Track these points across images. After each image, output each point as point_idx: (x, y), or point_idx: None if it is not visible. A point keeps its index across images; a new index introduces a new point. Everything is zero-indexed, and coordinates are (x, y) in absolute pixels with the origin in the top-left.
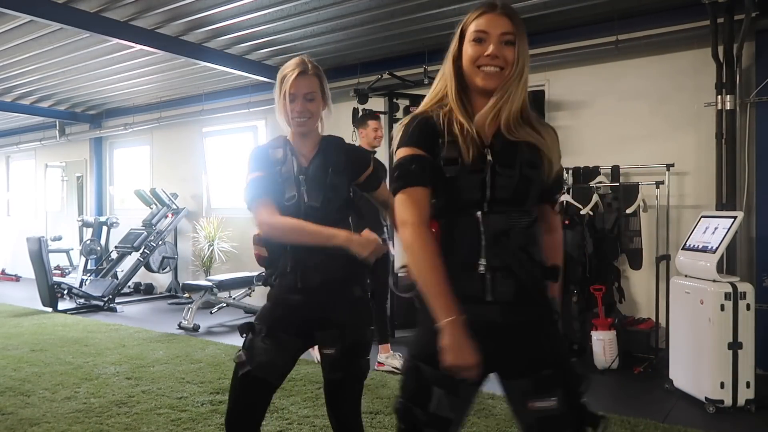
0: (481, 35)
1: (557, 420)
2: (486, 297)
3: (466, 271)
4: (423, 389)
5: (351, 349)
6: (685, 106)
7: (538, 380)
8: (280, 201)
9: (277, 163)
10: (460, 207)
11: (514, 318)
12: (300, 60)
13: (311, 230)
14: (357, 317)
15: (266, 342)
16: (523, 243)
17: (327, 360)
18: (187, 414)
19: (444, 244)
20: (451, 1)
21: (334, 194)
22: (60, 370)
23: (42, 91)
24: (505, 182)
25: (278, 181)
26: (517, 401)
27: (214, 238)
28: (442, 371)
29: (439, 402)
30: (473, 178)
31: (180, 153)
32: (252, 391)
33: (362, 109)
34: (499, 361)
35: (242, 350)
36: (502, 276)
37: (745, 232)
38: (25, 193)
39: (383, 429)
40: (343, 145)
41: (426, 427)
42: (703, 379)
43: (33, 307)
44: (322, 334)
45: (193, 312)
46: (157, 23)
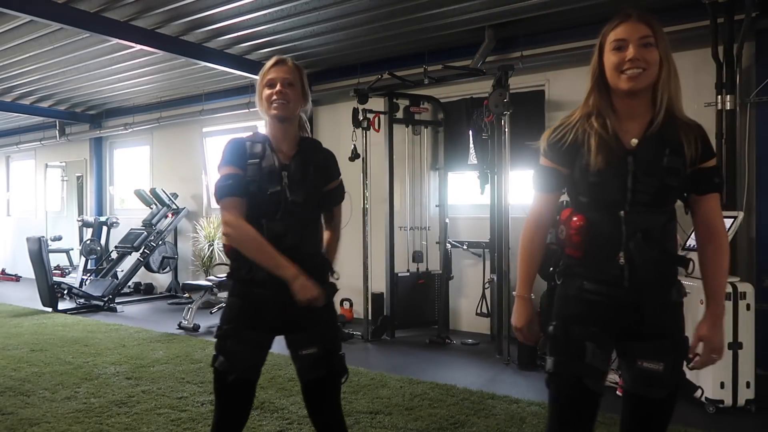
0: (620, 43)
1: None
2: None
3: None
4: (576, 344)
5: (330, 346)
6: (685, 106)
7: (655, 346)
8: (258, 195)
9: (254, 157)
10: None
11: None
12: (278, 56)
13: (266, 252)
14: (330, 315)
15: (242, 343)
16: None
17: (308, 360)
18: (187, 414)
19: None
20: (451, 1)
21: (314, 192)
22: (60, 370)
23: (42, 91)
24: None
25: (256, 174)
26: (630, 359)
27: (214, 238)
28: (591, 329)
29: (594, 354)
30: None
31: (180, 153)
32: (240, 393)
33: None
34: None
35: (221, 356)
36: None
37: (745, 232)
38: (25, 193)
39: (383, 429)
40: (321, 147)
41: (585, 377)
42: (703, 379)
43: (33, 307)
44: (297, 335)
45: (193, 312)
46: (157, 23)
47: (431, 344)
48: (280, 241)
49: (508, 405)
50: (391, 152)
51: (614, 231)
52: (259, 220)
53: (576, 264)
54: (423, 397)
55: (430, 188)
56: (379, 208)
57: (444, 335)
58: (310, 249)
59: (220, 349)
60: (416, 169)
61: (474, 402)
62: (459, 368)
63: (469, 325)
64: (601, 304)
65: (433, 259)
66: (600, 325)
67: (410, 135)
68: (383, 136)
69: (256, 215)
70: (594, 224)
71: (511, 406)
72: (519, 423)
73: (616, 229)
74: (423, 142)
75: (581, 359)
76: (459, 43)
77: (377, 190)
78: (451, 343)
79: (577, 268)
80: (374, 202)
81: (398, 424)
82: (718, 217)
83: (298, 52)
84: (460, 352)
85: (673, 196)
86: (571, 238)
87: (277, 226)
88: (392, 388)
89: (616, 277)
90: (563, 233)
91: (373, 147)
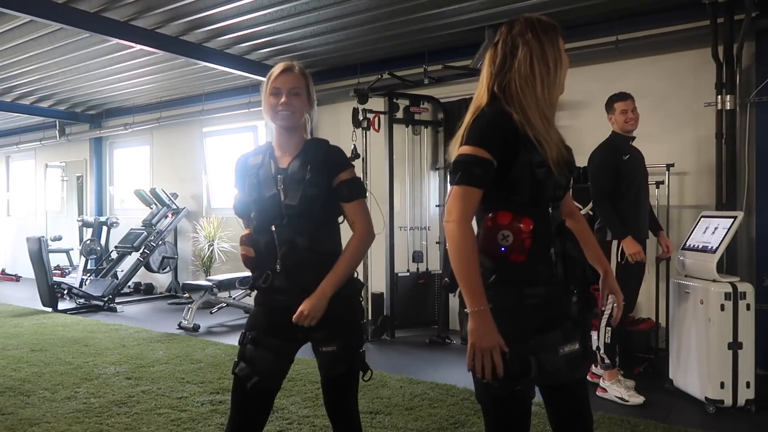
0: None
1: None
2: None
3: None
4: (523, 362)
5: (351, 343)
6: (685, 106)
7: (565, 330)
8: (259, 202)
9: (254, 168)
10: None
11: None
12: (286, 62)
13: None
14: (351, 312)
15: (265, 350)
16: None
17: (328, 357)
18: (187, 414)
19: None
20: (451, 1)
21: (314, 190)
22: (60, 370)
23: (42, 91)
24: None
25: (255, 184)
26: (551, 348)
27: (214, 238)
28: (531, 341)
29: (538, 369)
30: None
31: (180, 153)
32: (257, 401)
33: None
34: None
35: (242, 362)
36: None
37: (745, 232)
38: (25, 193)
39: (383, 429)
40: (325, 144)
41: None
42: (703, 379)
43: (33, 307)
44: (319, 333)
45: (193, 312)
46: (157, 23)
47: (431, 344)
48: (292, 245)
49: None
50: (391, 152)
51: (546, 228)
52: (269, 226)
53: (517, 269)
54: (423, 397)
55: (430, 188)
56: (379, 208)
57: (444, 335)
58: (326, 248)
59: (241, 356)
60: (416, 169)
61: (474, 402)
62: (459, 368)
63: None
64: (539, 306)
65: (433, 259)
66: (540, 331)
67: (410, 135)
68: (383, 136)
69: (266, 222)
70: (536, 223)
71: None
72: None
73: (547, 226)
74: (423, 142)
75: (527, 376)
76: (459, 43)
77: (377, 190)
78: (451, 343)
79: (517, 274)
80: (374, 202)
81: (398, 424)
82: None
83: (298, 52)
84: (460, 352)
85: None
86: (523, 242)
87: (286, 230)
88: (392, 388)
89: (549, 275)
90: (508, 239)
91: (373, 147)
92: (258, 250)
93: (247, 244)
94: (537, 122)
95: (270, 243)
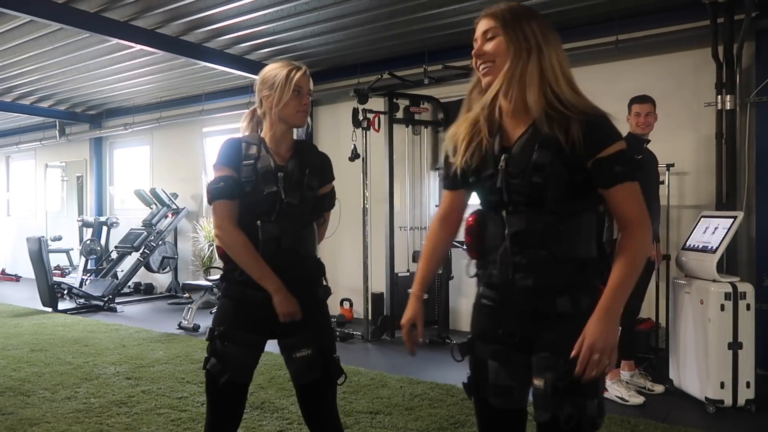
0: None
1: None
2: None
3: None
4: (480, 363)
5: (324, 347)
6: (685, 106)
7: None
8: (253, 196)
9: (249, 158)
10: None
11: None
12: (292, 62)
13: (253, 259)
14: (324, 317)
15: (235, 345)
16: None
17: (303, 362)
18: (187, 414)
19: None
20: (451, 1)
21: (310, 194)
22: (60, 370)
23: (42, 91)
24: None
25: (251, 175)
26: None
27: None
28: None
29: (497, 374)
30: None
31: (180, 153)
32: (232, 396)
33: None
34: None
35: (213, 357)
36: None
37: (745, 232)
38: (25, 193)
39: (383, 429)
40: (317, 150)
41: (490, 397)
42: (703, 379)
43: (33, 307)
44: (291, 339)
45: (193, 312)
46: (157, 23)
47: (431, 344)
48: (277, 243)
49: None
50: (391, 152)
51: (496, 233)
52: (255, 221)
53: (475, 267)
54: (423, 397)
55: (430, 188)
56: (379, 208)
57: (444, 335)
58: (306, 251)
59: (212, 351)
60: (416, 169)
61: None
62: (459, 368)
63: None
64: (487, 308)
65: None
66: (496, 336)
67: (410, 135)
68: (383, 136)
69: (252, 216)
70: (479, 225)
71: None
72: None
73: (497, 232)
74: (423, 142)
75: (485, 379)
76: (459, 43)
77: (377, 190)
78: (451, 343)
79: (476, 273)
80: (374, 202)
81: (398, 424)
82: (631, 206)
83: (298, 52)
84: None
85: (549, 194)
86: (466, 239)
87: (272, 227)
88: (392, 388)
89: (494, 278)
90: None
91: (373, 147)
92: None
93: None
94: (454, 127)
95: (252, 237)
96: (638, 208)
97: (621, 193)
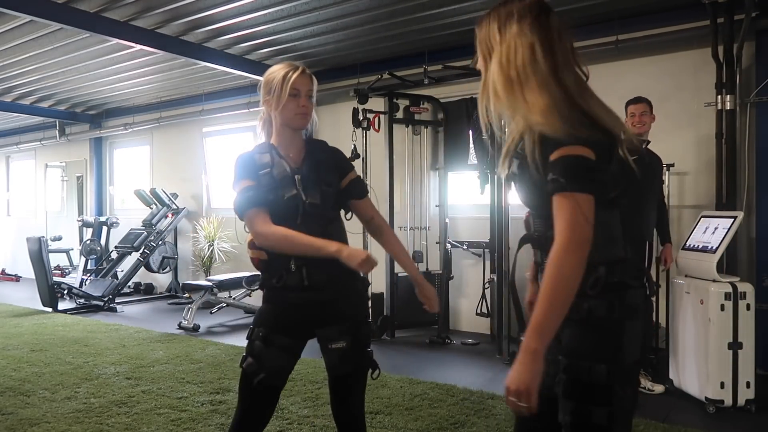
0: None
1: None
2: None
3: None
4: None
5: (360, 341)
6: (685, 106)
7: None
8: (275, 203)
9: (265, 167)
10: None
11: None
12: (294, 63)
13: (303, 241)
14: (361, 310)
15: (273, 347)
16: None
17: (336, 354)
18: (187, 414)
19: None
20: (451, 1)
21: (329, 190)
22: (60, 370)
23: (42, 91)
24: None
25: (271, 183)
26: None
27: (214, 238)
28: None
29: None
30: None
31: (180, 153)
32: (264, 397)
33: None
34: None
35: (249, 357)
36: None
37: (745, 232)
38: (25, 193)
39: (383, 429)
40: (327, 146)
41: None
42: (703, 379)
43: (33, 307)
44: (329, 329)
45: (193, 312)
46: (157, 23)
47: (431, 344)
48: None
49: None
50: (391, 152)
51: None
52: (281, 226)
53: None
54: (423, 397)
55: (430, 188)
56: (379, 208)
57: (444, 335)
58: None
59: (249, 351)
60: (416, 169)
61: (474, 402)
62: (459, 368)
63: (469, 325)
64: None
65: (433, 259)
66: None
67: (410, 135)
68: (383, 136)
69: (277, 223)
70: None
71: None
72: None
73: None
74: (423, 142)
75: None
76: (459, 43)
77: (377, 190)
78: (451, 343)
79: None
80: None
81: (398, 424)
82: (558, 222)
83: (298, 52)
84: (460, 352)
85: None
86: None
87: (300, 230)
88: (392, 388)
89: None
90: None
91: (373, 147)
92: (270, 251)
93: (258, 247)
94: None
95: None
96: (564, 225)
97: (554, 204)
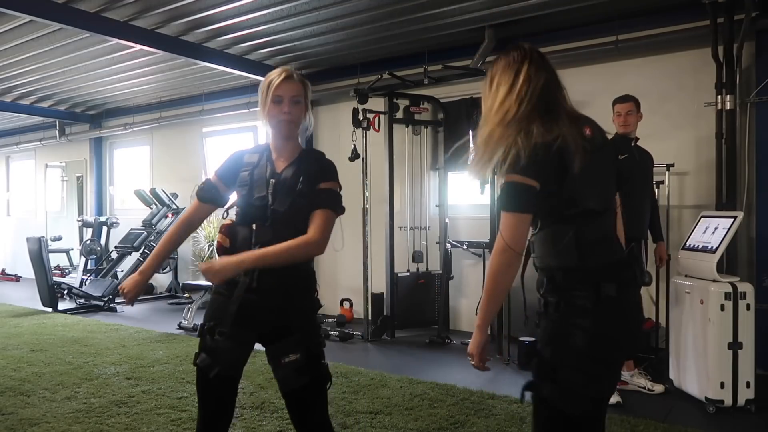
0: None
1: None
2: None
3: None
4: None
5: (313, 352)
6: (685, 106)
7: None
8: (246, 202)
9: (247, 166)
10: None
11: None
12: (285, 68)
13: (157, 247)
14: (313, 323)
15: (226, 340)
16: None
17: (291, 367)
18: (187, 414)
19: None
20: (451, 1)
21: (303, 201)
22: (60, 370)
23: (42, 91)
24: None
25: (246, 182)
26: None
27: (214, 238)
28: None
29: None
30: None
31: (180, 153)
32: (222, 390)
33: None
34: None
35: (203, 353)
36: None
37: (745, 232)
38: (25, 193)
39: (383, 429)
40: (321, 157)
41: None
42: (703, 379)
43: (33, 307)
44: (283, 342)
45: (193, 312)
46: (157, 23)
47: (431, 344)
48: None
49: (508, 405)
50: (391, 152)
51: (243, 244)
52: (251, 225)
53: None
54: (423, 397)
55: (430, 188)
56: (379, 208)
57: (444, 335)
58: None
59: (202, 347)
60: (416, 169)
61: (474, 402)
62: (459, 368)
63: (469, 325)
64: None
65: (433, 259)
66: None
67: (410, 135)
68: (383, 136)
69: (248, 220)
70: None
71: (511, 406)
72: (519, 423)
73: (244, 242)
74: (423, 142)
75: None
76: (459, 43)
77: (377, 190)
78: (451, 343)
79: None
80: (374, 202)
81: (398, 424)
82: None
83: (298, 52)
84: (460, 352)
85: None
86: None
87: (265, 232)
88: (392, 388)
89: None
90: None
91: (373, 147)
92: (234, 241)
93: (226, 233)
94: None
95: (247, 239)
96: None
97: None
